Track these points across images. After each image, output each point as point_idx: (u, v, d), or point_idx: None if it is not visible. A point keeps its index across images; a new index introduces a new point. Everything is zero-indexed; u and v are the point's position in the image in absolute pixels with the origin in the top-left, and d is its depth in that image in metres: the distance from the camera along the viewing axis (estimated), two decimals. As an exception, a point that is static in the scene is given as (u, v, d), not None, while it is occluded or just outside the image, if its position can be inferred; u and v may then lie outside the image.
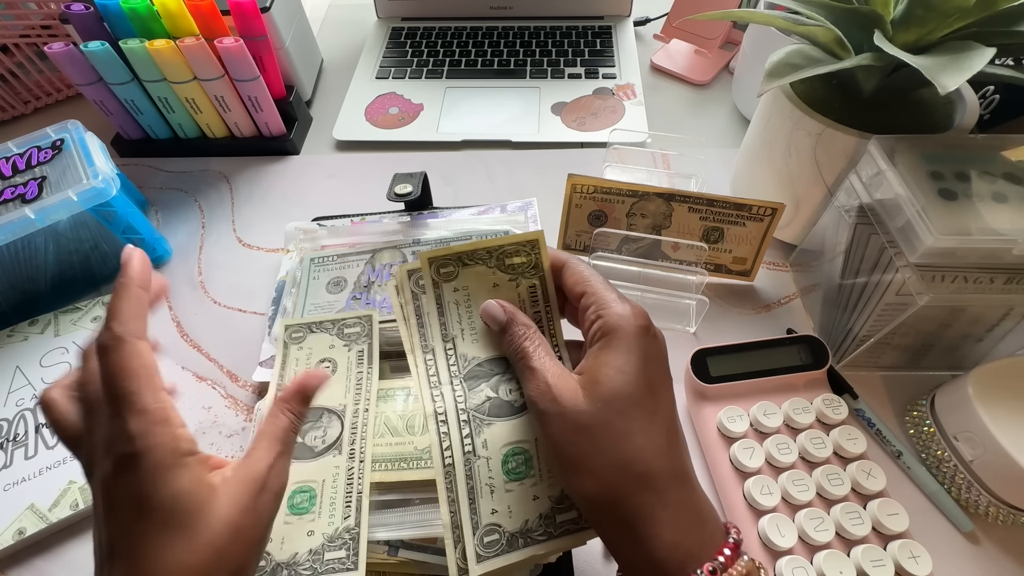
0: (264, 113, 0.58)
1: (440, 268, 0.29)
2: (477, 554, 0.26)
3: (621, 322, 0.26)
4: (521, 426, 0.28)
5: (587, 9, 0.74)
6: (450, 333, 0.29)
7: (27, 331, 0.46)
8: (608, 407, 0.24)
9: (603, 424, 0.24)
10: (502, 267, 0.29)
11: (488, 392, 0.28)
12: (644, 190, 0.45)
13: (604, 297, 0.27)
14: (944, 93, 0.29)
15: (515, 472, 0.27)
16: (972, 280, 0.34)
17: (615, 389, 0.24)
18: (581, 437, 0.24)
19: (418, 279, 0.29)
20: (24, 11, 0.61)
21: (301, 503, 0.32)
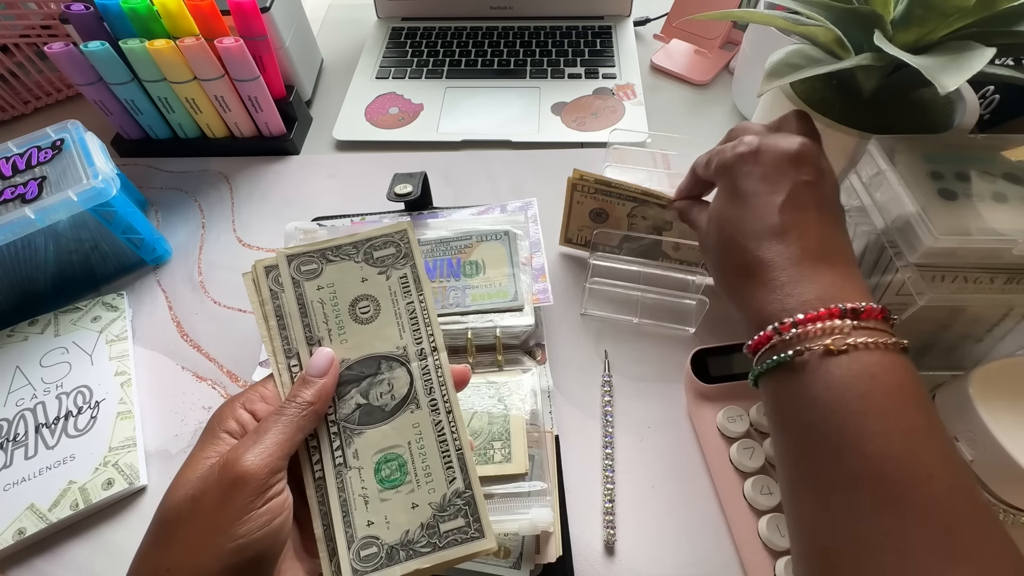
0: (264, 113, 0.58)
1: (301, 266, 0.27)
2: (353, 568, 0.25)
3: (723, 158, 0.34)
4: (392, 431, 0.27)
5: (587, 9, 0.74)
6: (316, 335, 0.27)
7: (27, 331, 0.46)
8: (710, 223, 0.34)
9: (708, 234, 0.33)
10: (370, 260, 0.28)
11: (358, 399, 0.27)
12: (645, 197, 0.45)
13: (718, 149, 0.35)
14: (944, 93, 0.29)
15: (389, 480, 0.26)
16: (972, 280, 0.34)
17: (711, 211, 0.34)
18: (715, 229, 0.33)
19: (276, 276, 0.27)
20: (24, 11, 0.61)
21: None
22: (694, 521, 0.38)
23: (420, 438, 0.27)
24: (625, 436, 0.42)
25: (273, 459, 0.24)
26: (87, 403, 0.42)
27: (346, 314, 0.28)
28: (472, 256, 0.45)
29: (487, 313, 0.42)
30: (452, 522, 0.26)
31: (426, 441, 0.27)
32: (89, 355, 0.45)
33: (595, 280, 0.46)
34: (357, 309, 0.28)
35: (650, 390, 0.43)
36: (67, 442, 0.41)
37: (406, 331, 0.28)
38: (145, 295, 0.51)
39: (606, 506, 0.38)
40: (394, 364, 0.28)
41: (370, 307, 0.28)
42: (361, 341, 0.28)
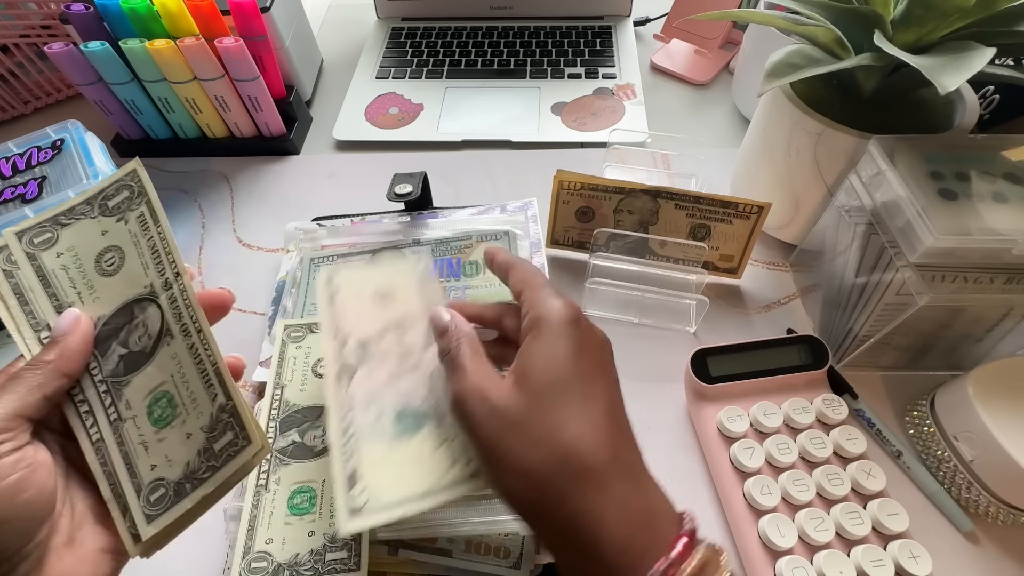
0: (264, 113, 0.58)
1: (34, 238, 0.26)
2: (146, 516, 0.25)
3: (549, 312, 0.26)
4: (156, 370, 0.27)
5: (587, 9, 0.74)
6: (64, 302, 0.26)
7: (27, 331, 0.46)
8: (539, 398, 0.23)
9: (535, 417, 0.23)
10: (106, 212, 0.27)
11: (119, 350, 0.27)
12: (630, 187, 0.45)
13: (535, 295, 0.27)
14: (944, 93, 0.29)
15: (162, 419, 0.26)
16: (972, 280, 0.34)
17: (545, 377, 0.24)
18: (512, 434, 0.23)
19: (8, 256, 0.26)
20: (24, 11, 0.61)
21: (301, 504, 0.32)
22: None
23: (180, 367, 0.27)
24: (625, 436, 0.41)
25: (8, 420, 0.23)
26: (87, 403, 0.42)
27: (93, 272, 0.27)
28: (472, 256, 0.45)
29: (487, 313, 0.42)
30: (223, 439, 0.26)
31: (186, 368, 0.27)
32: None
33: (595, 280, 0.46)
34: (103, 264, 0.27)
35: (650, 390, 0.43)
36: (67, 442, 0.41)
37: (150, 268, 0.27)
38: (145, 295, 0.51)
39: (606, 506, 0.38)
40: (145, 304, 0.27)
41: (115, 257, 0.27)
42: (112, 294, 0.27)
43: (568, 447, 0.22)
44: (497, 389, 0.24)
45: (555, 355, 0.24)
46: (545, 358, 0.24)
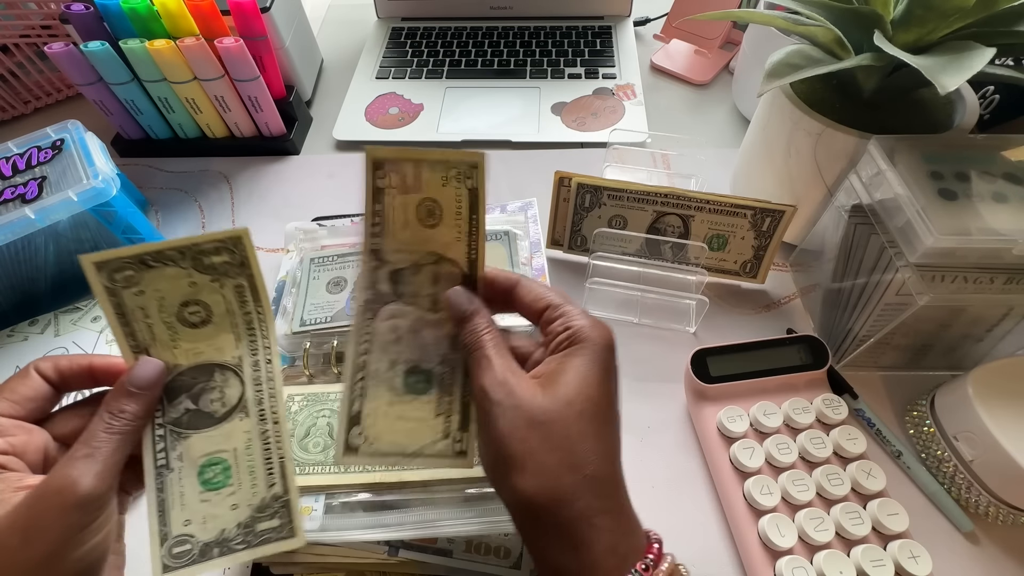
0: (264, 113, 0.58)
1: (114, 273, 0.26)
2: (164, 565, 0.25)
3: (593, 333, 0.26)
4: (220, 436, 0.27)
5: (587, 9, 0.74)
6: (141, 344, 0.26)
7: (27, 331, 0.46)
8: (568, 407, 0.24)
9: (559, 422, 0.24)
10: (200, 267, 0.27)
11: (188, 404, 0.27)
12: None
13: (572, 310, 0.27)
14: (944, 93, 0.29)
15: (212, 482, 0.27)
16: (972, 280, 0.34)
17: (579, 390, 0.24)
18: (532, 433, 0.23)
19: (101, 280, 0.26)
20: (24, 11, 0.61)
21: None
22: (694, 521, 0.38)
23: (248, 446, 0.27)
24: (625, 436, 0.41)
25: (112, 476, 0.23)
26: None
27: (174, 319, 0.27)
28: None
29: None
30: (268, 522, 0.27)
31: (253, 449, 0.27)
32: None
33: (595, 280, 0.46)
34: (186, 313, 0.27)
35: (650, 390, 0.43)
36: (67, 442, 0.41)
37: (243, 342, 0.28)
38: (145, 295, 0.51)
39: (606, 506, 0.38)
40: (228, 373, 0.28)
41: (200, 312, 0.27)
42: (193, 347, 0.27)
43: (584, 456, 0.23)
44: (526, 386, 0.24)
45: (590, 374, 0.25)
46: (581, 374, 0.24)
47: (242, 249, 0.27)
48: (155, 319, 0.26)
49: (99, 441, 0.24)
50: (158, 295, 0.26)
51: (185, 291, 0.27)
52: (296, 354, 0.42)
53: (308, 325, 0.42)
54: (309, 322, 0.42)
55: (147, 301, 0.26)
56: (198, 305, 0.27)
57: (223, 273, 0.27)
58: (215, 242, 0.26)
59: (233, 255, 0.27)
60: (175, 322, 0.27)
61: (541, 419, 0.23)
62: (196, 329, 0.27)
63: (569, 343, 0.26)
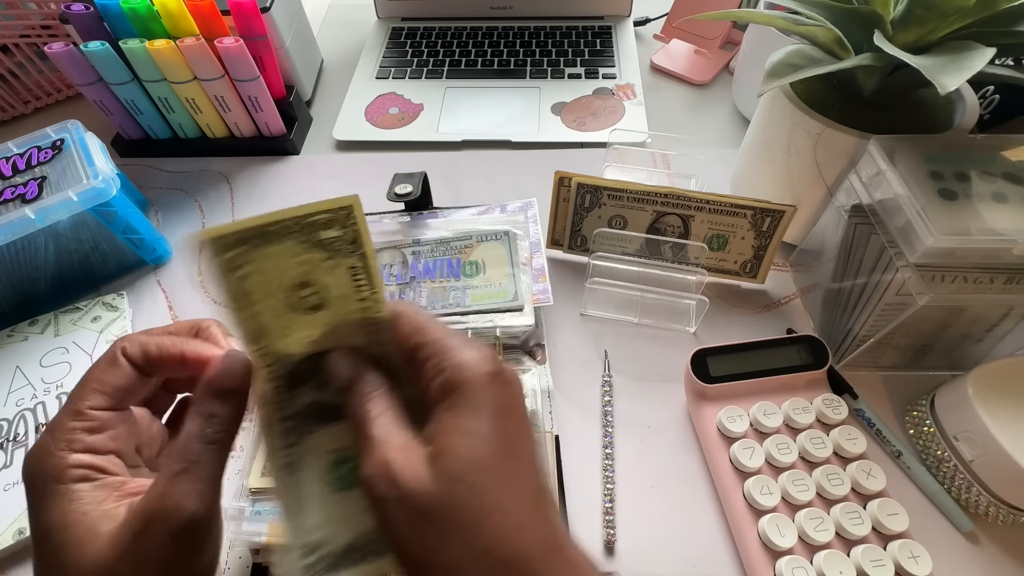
0: (264, 113, 0.58)
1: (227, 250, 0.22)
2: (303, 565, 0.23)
3: (465, 373, 0.21)
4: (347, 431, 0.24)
5: (587, 9, 0.74)
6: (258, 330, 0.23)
7: (27, 331, 0.46)
8: (457, 484, 0.20)
9: (451, 507, 0.19)
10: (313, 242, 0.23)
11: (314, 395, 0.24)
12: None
13: (444, 345, 0.22)
14: (944, 93, 0.29)
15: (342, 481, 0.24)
16: (972, 280, 0.34)
17: (467, 459, 0.20)
18: (427, 527, 0.19)
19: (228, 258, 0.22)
20: (24, 11, 0.61)
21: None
22: (694, 521, 0.38)
23: None
24: (625, 436, 0.42)
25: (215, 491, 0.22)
26: (87, 403, 0.42)
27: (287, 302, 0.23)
28: (472, 256, 0.45)
29: (487, 313, 0.42)
30: None
31: None
32: (89, 355, 0.45)
33: (595, 280, 0.46)
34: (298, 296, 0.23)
35: (650, 390, 0.43)
36: (67, 442, 0.41)
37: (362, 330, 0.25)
38: (145, 295, 0.51)
39: (606, 506, 0.38)
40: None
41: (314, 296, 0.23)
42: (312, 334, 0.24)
43: (489, 538, 0.19)
44: (411, 471, 0.20)
45: (475, 429, 0.20)
46: (464, 434, 0.20)
47: (352, 223, 0.23)
48: (265, 303, 0.23)
49: (194, 453, 0.22)
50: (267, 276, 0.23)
51: (296, 271, 0.23)
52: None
53: (308, 325, 0.42)
54: (309, 322, 0.42)
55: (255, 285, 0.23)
56: (312, 287, 0.23)
57: (336, 250, 0.23)
58: (327, 212, 0.23)
59: (344, 230, 0.23)
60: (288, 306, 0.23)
61: (431, 509, 0.19)
62: (313, 314, 0.23)
63: (444, 392, 0.21)
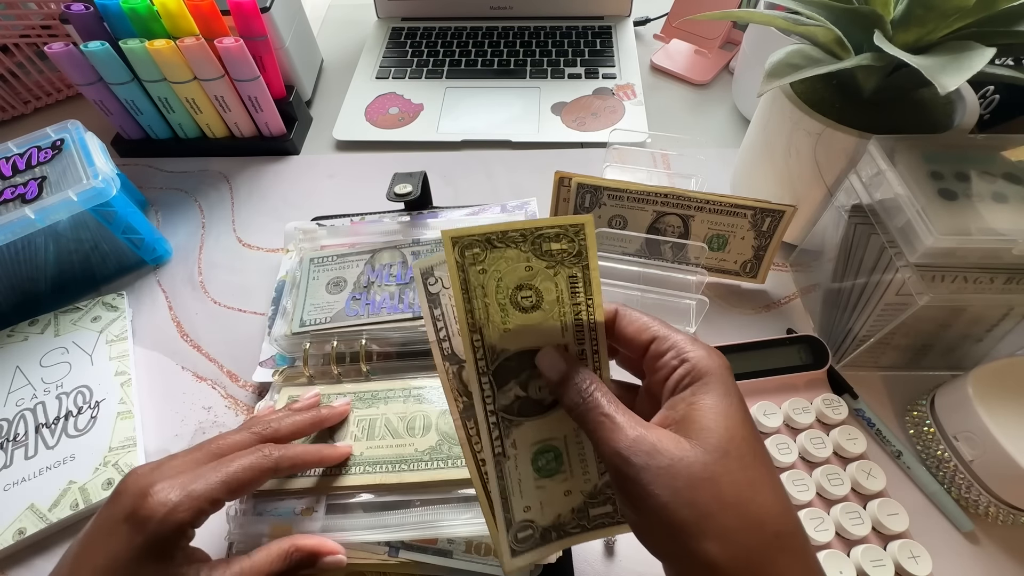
0: (264, 113, 0.58)
1: (464, 250, 0.25)
2: (512, 550, 0.26)
3: (711, 364, 0.23)
4: (549, 424, 0.27)
5: (587, 9, 0.74)
6: (477, 323, 0.26)
7: (27, 331, 0.46)
8: (725, 456, 0.21)
9: (725, 474, 0.21)
10: (538, 252, 0.26)
11: (517, 391, 0.27)
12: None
13: (679, 340, 0.24)
14: (944, 93, 0.29)
15: (546, 469, 0.27)
16: (972, 280, 0.34)
17: (729, 434, 0.21)
18: (700, 493, 0.20)
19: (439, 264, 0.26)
20: (24, 11, 0.61)
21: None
22: (694, 521, 0.38)
23: (578, 434, 0.28)
24: (625, 436, 0.41)
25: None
26: (87, 403, 0.42)
27: (508, 301, 0.26)
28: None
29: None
30: (602, 508, 0.27)
31: (582, 436, 0.28)
32: (89, 355, 0.45)
33: (595, 280, 0.46)
34: (519, 298, 0.26)
35: (650, 390, 0.43)
36: (67, 442, 0.41)
37: (569, 332, 0.27)
38: (145, 295, 0.51)
39: (606, 506, 0.38)
40: None
41: (532, 297, 0.26)
42: (522, 332, 0.26)
43: (764, 509, 0.21)
44: (670, 441, 0.21)
45: (731, 412, 0.22)
46: (722, 414, 0.22)
47: (582, 238, 0.26)
48: (492, 299, 0.26)
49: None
50: (498, 275, 0.26)
51: (521, 275, 0.26)
52: (296, 355, 0.42)
53: (308, 325, 0.42)
54: (309, 322, 0.42)
55: (488, 280, 0.26)
56: (531, 291, 0.26)
57: (559, 261, 0.26)
58: (557, 228, 0.26)
59: (572, 243, 0.26)
60: (508, 304, 0.26)
61: (704, 475, 0.20)
62: (526, 314, 0.26)
63: (691, 379, 0.23)
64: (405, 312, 0.42)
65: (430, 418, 0.37)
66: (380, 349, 0.42)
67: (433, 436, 0.36)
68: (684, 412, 0.22)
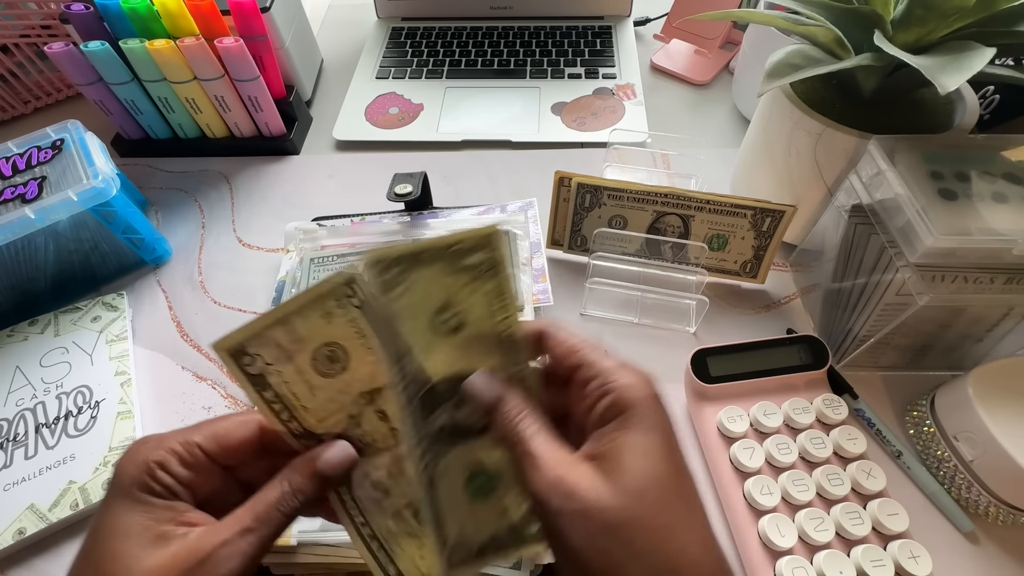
0: (264, 113, 0.58)
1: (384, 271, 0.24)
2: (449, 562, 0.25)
3: (636, 395, 0.22)
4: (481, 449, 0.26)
5: (587, 9, 0.74)
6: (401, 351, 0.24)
7: (27, 331, 0.46)
8: (641, 498, 0.20)
9: (640, 519, 0.20)
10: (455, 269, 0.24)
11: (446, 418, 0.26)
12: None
13: (606, 367, 0.23)
14: (944, 93, 0.29)
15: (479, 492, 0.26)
16: (972, 280, 0.34)
17: (647, 475, 0.20)
18: (611, 542, 0.19)
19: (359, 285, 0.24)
20: (24, 11, 0.61)
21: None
22: (694, 521, 0.38)
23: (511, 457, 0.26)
24: (625, 436, 0.41)
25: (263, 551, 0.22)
26: (87, 403, 0.42)
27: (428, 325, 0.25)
28: (472, 256, 0.45)
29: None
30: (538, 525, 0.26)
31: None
32: (89, 355, 0.45)
33: (595, 280, 0.46)
34: (439, 320, 0.25)
35: (650, 390, 0.43)
36: (67, 442, 0.41)
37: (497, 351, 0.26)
38: (145, 295, 0.51)
39: (606, 506, 0.38)
40: None
41: (454, 319, 0.25)
42: (447, 356, 0.25)
43: (678, 557, 0.20)
44: (585, 483, 0.20)
45: (652, 449, 0.21)
46: (642, 452, 0.21)
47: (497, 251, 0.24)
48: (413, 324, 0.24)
49: (268, 519, 0.22)
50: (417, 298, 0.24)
51: (439, 294, 0.24)
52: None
53: (308, 325, 0.42)
54: (309, 322, 0.42)
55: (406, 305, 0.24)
56: (451, 311, 0.25)
57: (475, 277, 0.24)
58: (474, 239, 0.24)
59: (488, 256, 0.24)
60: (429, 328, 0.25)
61: (618, 521, 0.20)
62: (448, 338, 0.25)
63: (615, 411, 0.22)
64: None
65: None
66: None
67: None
68: (607, 448, 0.22)
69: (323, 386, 0.24)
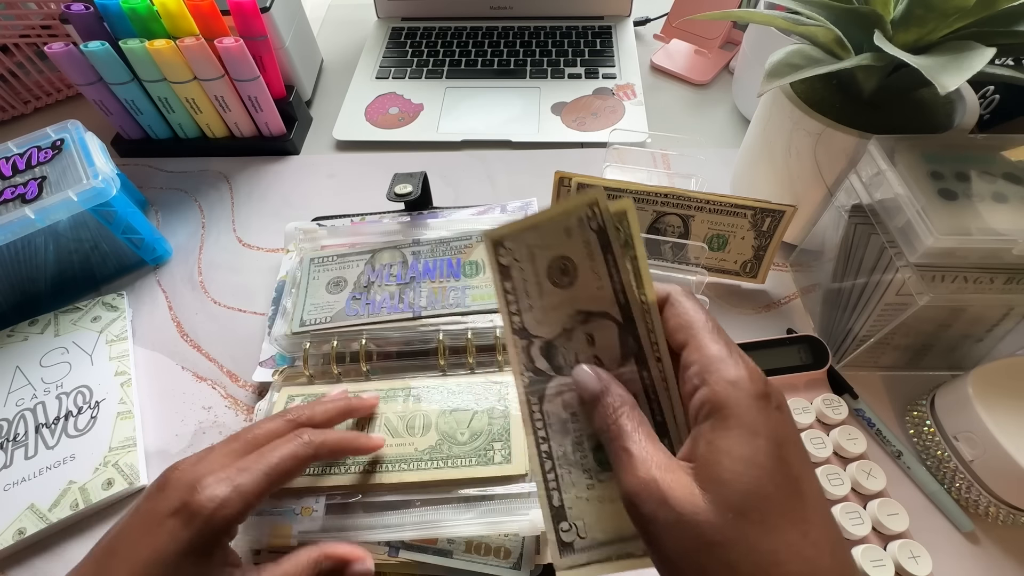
0: (264, 113, 0.58)
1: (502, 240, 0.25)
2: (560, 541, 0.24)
3: (733, 394, 0.20)
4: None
5: (587, 9, 0.74)
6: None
7: (27, 331, 0.46)
8: (743, 518, 0.18)
9: (740, 541, 0.18)
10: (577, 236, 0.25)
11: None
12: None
13: (710, 354, 0.21)
14: (944, 93, 0.29)
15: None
16: (972, 280, 0.34)
17: (748, 491, 0.18)
18: (711, 559, 0.18)
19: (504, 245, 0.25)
20: (24, 11, 0.61)
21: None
22: (694, 521, 0.38)
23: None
24: (625, 436, 0.41)
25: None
26: (87, 403, 0.42)
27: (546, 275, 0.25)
28: (472, 256, 0.45)
29: (487, 313, 0.42)
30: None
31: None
32: (89, 355, 0.45)
33: (595, 280, 0.46)
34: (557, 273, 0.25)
35: (650, 390, 0.43)
36: (67, 442, 0.41)
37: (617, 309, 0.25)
38: (145, 295, 0.51)
39: (606, 506, 0.38)
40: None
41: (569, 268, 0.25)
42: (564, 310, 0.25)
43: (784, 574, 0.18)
44: (682, 492, 0.19)
45: (753, 457, 0.18)
46: (743, 463, 0.18)
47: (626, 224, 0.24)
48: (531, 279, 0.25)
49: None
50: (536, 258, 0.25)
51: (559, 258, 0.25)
52: (296, 354, 0.42)
53: (308, 325, 0.42)
54: (309, 322, 0.42)
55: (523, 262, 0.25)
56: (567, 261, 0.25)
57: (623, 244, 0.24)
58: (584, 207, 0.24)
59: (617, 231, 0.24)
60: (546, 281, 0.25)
61: (715, 540, 0.18)
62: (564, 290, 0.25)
63: (708, 410, 0.20)
64: (405, 312, 0.42)
65: (430, 418, 0.37)
66: (380, 349, 0.42)
67: (433, 436, 0.36)
68: (703, 452, 0.19)
69: (551, 293, 0.25)
